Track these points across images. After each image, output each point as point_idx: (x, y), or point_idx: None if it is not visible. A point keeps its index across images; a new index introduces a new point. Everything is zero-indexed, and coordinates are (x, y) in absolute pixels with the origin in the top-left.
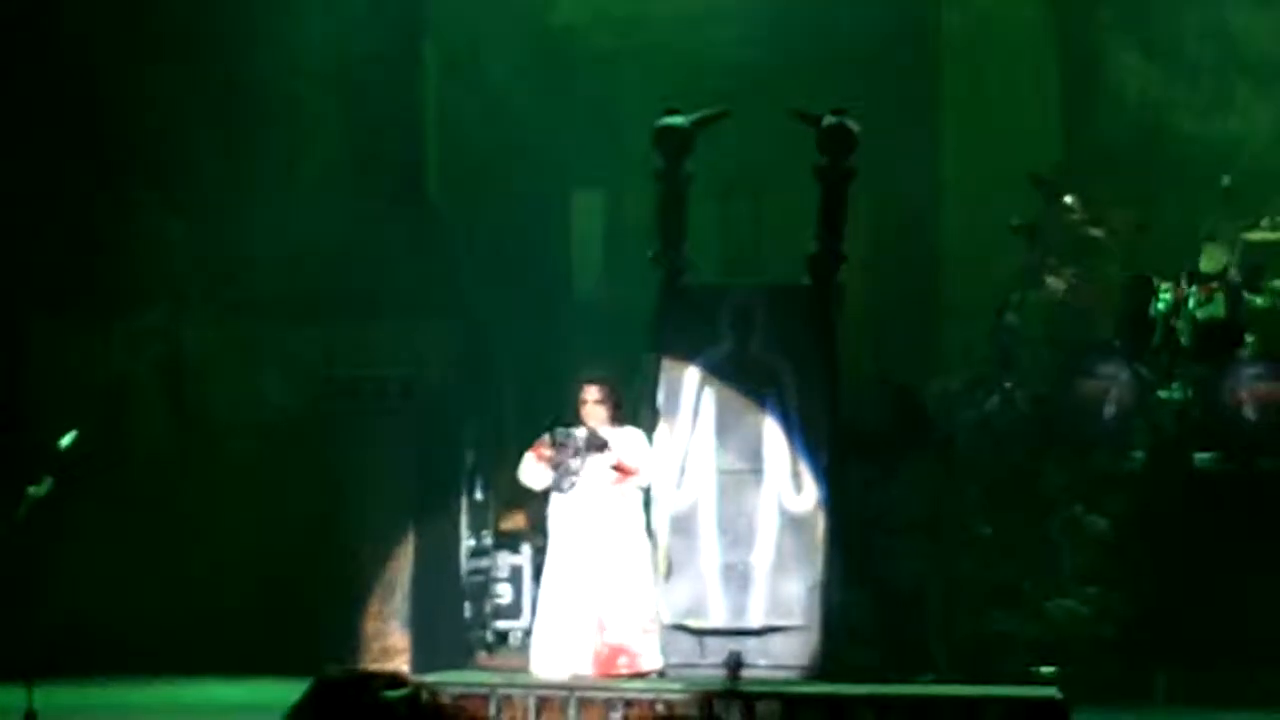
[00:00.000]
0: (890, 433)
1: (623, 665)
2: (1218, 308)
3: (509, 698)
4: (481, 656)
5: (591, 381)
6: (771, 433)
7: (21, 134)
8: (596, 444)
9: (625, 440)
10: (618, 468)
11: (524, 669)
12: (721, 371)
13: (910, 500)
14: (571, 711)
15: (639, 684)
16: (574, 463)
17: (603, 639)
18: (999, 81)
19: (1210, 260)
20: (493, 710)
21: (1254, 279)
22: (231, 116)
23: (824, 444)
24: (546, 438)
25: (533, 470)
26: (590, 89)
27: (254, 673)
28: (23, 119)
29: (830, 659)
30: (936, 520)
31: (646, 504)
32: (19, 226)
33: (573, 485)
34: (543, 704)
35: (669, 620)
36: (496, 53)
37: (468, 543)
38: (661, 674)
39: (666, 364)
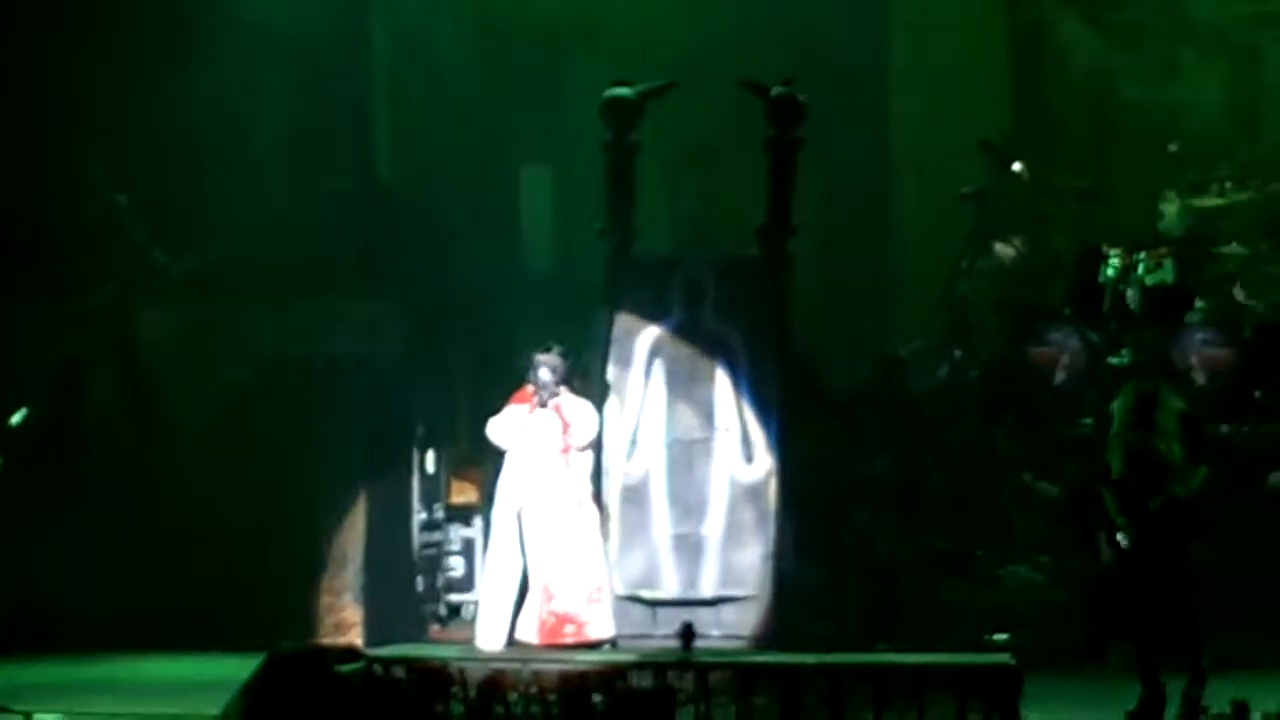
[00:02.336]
0: (873, 401)
1: (569, 634)
2: (1167, 274)
3: (462, 671)
4: (435, 630)
5: (546, 351)
6: (722, 403)
7: None
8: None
9: (565, 403)
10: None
11: (475, 642)
12: (672, 343)
13: (881, 470)
14: (525, 684)
15: (592, 655)
16: (544, 375)
17: (549, 607)
18: (947, 51)
19: (1170, 220)
20: (446, 684)
21: (1204, 245)
22: (180, 93)
23: (775, 413)
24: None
25: (509, 421)
26: (537, 62)
27: (207, 648)
28: None
29: (783, 628)
30: (907, 491)
31: (597, 474)
32: None
33: (552, 396)
34: (496, 677)
35: (622, 591)
36: (444, 28)
37: (419, 516)
38: (613, 644)
39: (617, 336)
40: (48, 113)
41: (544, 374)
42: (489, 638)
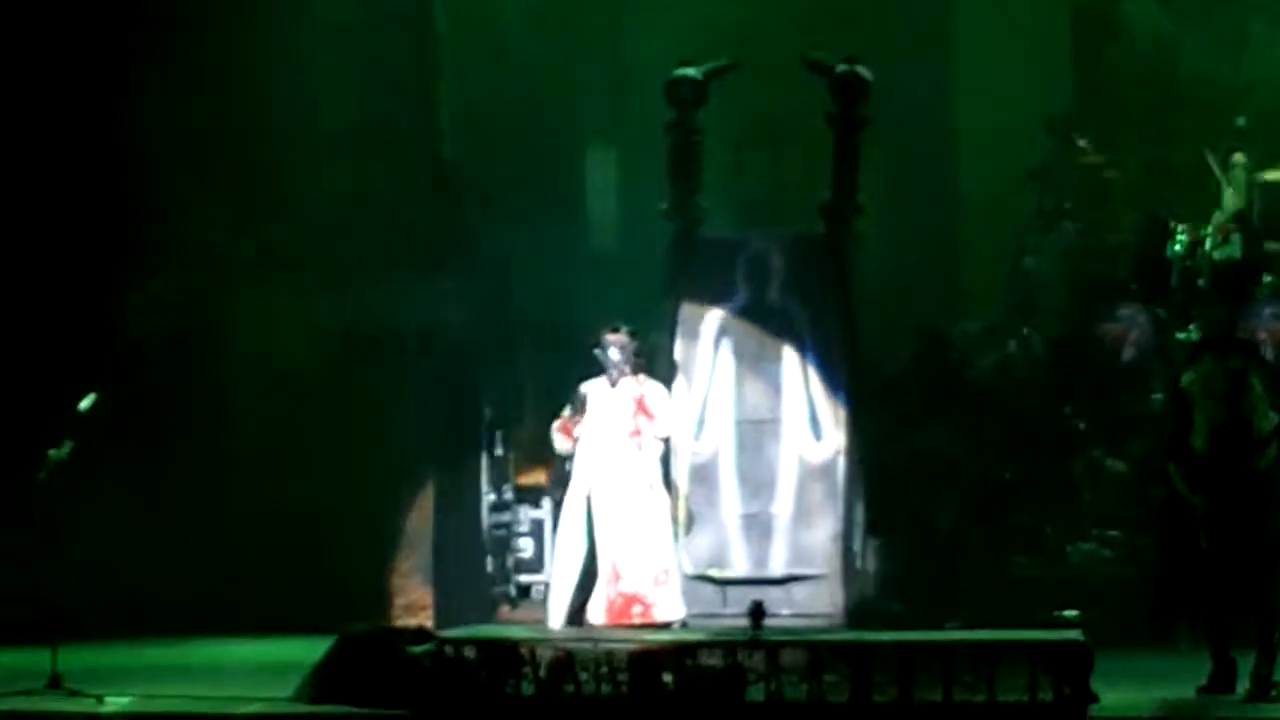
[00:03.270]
0: (918, 378)
1: (636, 615)
2: (1234, 249)
3: (532, 650)
4: (504, 611)
5: (615, 331)
6: (790, 382)
7: (38, 99)
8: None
9: (647, 392)
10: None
11: (546, 622)
12: (738, 322)
13: (936, 446)
14: (595, 663)
15: (663, 634)
16: (614, 354)
17: (616, 588)
18: (1010, 24)
19: (1234, 197)
20: (516, 664)
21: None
22: (244, 76)
23: (843, 391)
24: (567, 411)
25: (561, 442)
26: (600, 40)
27: (278, 631)
28: (35, 85)
29: (853, 606)
30: (962, 466)
31: (666, 457)
32: (34, 192)
33: (621, 374)
34: (566, 657)
35: (691, 571)
36: (507, 6)
37: (488, 497)
38: (683, 624)
39: (683, 316)
40: (115, 97)
41: (614, 353)
42: (555, 617)
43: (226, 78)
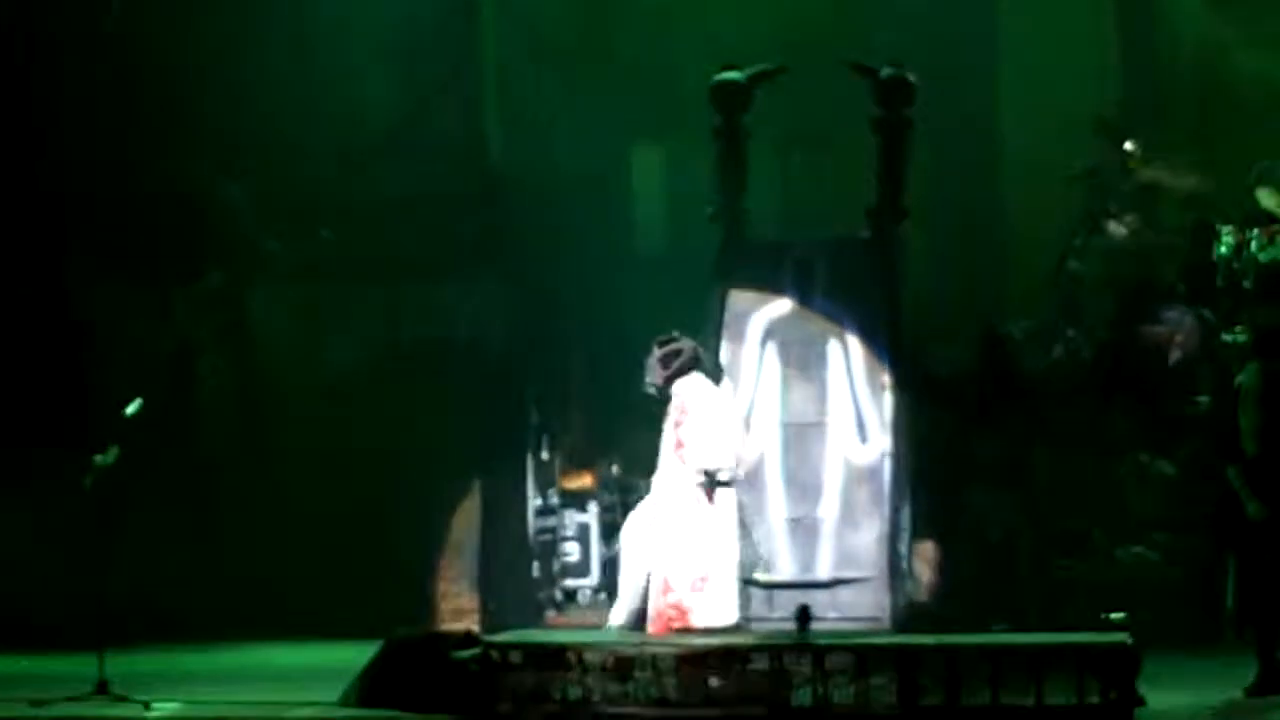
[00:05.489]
0: (976, 379)
1: (672, 620)
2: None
3: (579, 655)
4: (550, 615)
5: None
6: (836, 384)
7: (83, 103)
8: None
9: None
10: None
11: (593, 627)
12: (784, 325)
13: (991, 449)
14: (641, 667)
15: (709, 639)
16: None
17: (665, 600)
18: (1054, 25)
19: (1270, 197)
20: (562, 668)
21: None
22: (289, 79)
23: (889, 395)
24: None
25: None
26: (647, 43)
27: (325, 636)
28: (83, 88)
29: (899, 609)
30: (1017, 469)
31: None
32: (80, 195)
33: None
34: (613, 661)
35: (738, 575)
36: (553, 8)
37: (534, 502)
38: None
39: (729, 319)
40: (159, 101)
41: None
42: (616, 618)
43: (271, 79)
